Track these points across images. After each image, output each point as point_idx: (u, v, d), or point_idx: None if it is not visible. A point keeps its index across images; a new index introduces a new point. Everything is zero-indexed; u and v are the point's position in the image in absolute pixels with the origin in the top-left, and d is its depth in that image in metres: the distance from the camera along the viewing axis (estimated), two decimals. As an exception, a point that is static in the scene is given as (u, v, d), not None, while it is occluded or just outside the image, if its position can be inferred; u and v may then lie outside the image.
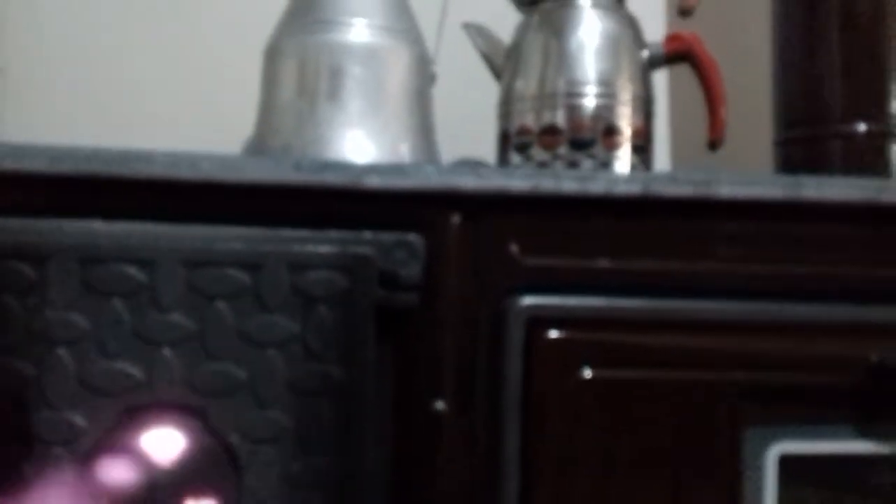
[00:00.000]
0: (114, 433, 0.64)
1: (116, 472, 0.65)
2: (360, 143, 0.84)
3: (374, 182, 0.68)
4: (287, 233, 0.67)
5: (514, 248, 0.72)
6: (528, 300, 0.71)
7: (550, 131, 0.91)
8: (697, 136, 1.00)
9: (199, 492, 0.66)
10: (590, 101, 0.91)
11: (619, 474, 0.71)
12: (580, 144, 0.90)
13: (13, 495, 0.63)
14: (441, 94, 0.94)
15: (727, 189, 0.72)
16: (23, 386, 0.63)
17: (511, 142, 0.94)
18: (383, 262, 0.70)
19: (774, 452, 0.74)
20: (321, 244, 0.68)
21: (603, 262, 0.73)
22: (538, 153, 0.91)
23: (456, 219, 0.71)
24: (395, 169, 0.69)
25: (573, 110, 0.91)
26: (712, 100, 0.98)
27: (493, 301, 0.71)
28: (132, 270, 0.64)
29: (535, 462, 0.70)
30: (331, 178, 0.67)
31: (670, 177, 0.72)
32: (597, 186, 0.71)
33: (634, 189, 0.71)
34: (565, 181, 0.70)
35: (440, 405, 0.71)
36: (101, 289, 0.64)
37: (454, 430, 0.70)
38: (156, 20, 1.18)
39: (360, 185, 0.68)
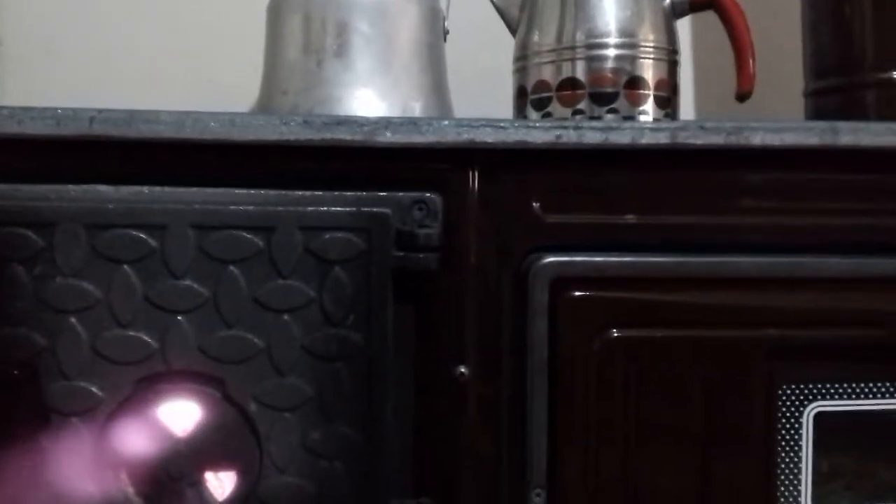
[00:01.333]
0: (130, 403, 0.62)
1: (133, 442, 0.63)
2: (370, 102, 0.81)
3: (387, 138, 0.65)
4: (299, 194, 0.65)
5: (535, 205, 0.69)
6: (552, 259, 0.68)
7: (570, 85, 0.87)
8: (723, 89, 0.96)
9: (218, 462, 0.64)
10: (610, 53, 0.87)
11: (649, 436, 0.69)
12: (601, 98, 0.87)
13: (31, 468, 0.62)
14: (454, 51, 0.90)
15: (760, 137, 0.69)
16: (36, 357, 0.61)
17: (528, 98, 0.90)
18: (400, 223, 0.67)
19: (810, 411, 0.72)
20: (335, 205, 0.65)
21: (629, 218, 0.70)
22: (557, 109, 0.88)
23: (475, 176, 0.68)
24: (409, 123, 0.66)
25: (593, 63, 0.87)
26: (740, 50, 0.93)
27: (515, 261, 0.69)
28: (141, 236, 0.62)
29: (562, 426, 0.68)
30: (342, 135, 0.64)
31: (699, 125, 0.69)
32: (622, 137, 0.67)
33: (662, 139, 0.68)
34: (588, 132, 0.67)
35: (463, 370, 0.68)
36: (111, 255, 0.62)
37: (478, 396, 0.68)
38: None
39: (373, 141, 0.65)
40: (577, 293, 0.68)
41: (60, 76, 1.06)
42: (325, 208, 0.65)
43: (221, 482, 0.65)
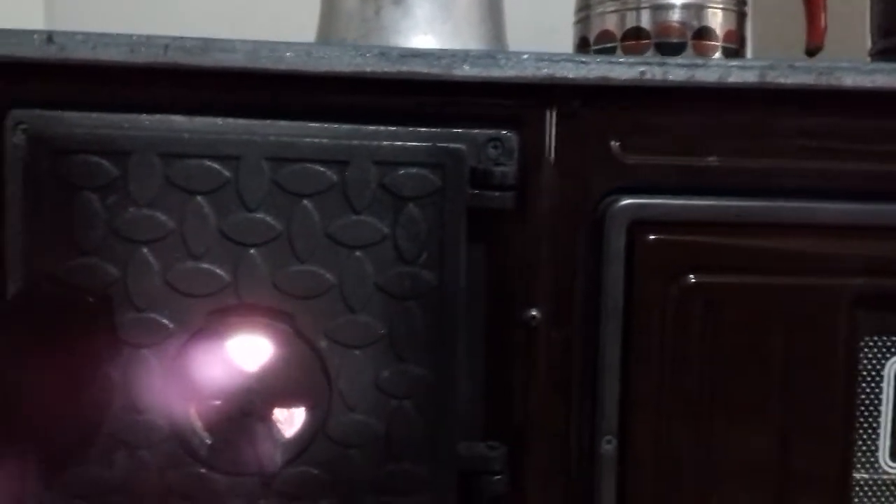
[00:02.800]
0: (200, 336, 0.62)
1: (203, 376, 0.63)
2: (428, 50, 0.80)
3: (465, 71, 0.63)
4: (373, 128, 0.63)
5: (615, 144, 0.67)
6: (630, 201, 0.65)
7: (635, 35, 0.84)
8: (784, 43, 0.93)
9: (287, 398, 0.64)
10: (677, 2, 0.83)
11: (724, 386, 0.66)
12: (668, 49, 0.84)
13: (102, 399, 0.62)
14: (510, 5, 0.87)
15: (851, 78, 0.65)
16: (108, 287, 0.61)
17: (591, 49, 0.88)
18: (475, 160, 0.65)
19: (892, 364, 0.69)
20: (409, 140, 0.63)
21: (711, 160, 0.67)
22: (622, 59, 0.85)
23: (552, 114, 0.66)
24: (487, 57, 0.64)
25: (659, 12, 0.84)
26: (811, 2, 0.90)
27: (591, 203, 0.66)
28: (216, 166, 0.61)
29: (635, 373, 0.66)
30: (419, 67, 0.62)
31: (789, 64, 0.66)
32: (708, 75, 0.64)
33: (750, 78, 0.65)
34: (673, 69, 0.64)
35: (534, 313, 0.67)
36: (185, 186, 0.61)
37: (549, 340, 0.66)
38: None
39: (450, 74, 0.63)
40: (655, 237, 0.66)
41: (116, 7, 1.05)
42: (400, 143, 0.63)
43: (290, 419, 0.65)
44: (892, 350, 0.68)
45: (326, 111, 0.63)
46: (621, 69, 0.64)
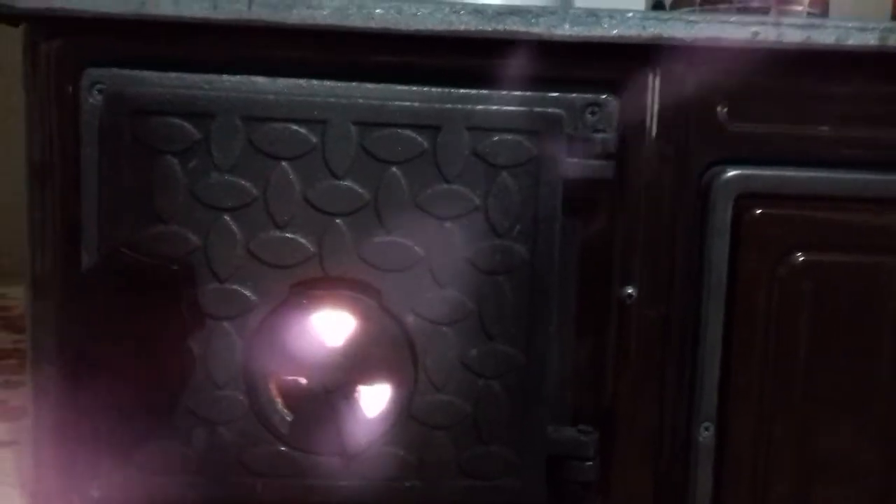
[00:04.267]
0: (283, 309, 0.59)
1: (286, 351, 0.60)
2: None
3: (565, 31, 0.58)
4: (465, 91, 0.59)
5: (722, 111, 0.62)
6: (737, 172, 0.61)
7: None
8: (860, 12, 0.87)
9: (372, 376, 0.61)
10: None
11: (832, 370, 0.62)
12: (750, 10, 0.79)
13: (181, 374, 0.60)
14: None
15: None
16: (188, 256, 0.58)
17: (666, 8, 0.83)
18: (572, 127, 0.62)
19: None
20: (505, 104, 0.59)
21: (824, 129, 0.62)
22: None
23: (655, 77, 0.61)
24: (590, 15, 0.59)
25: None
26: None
27: (695, 174, 0.62)
28: (302, 131, 0.57)
29: (737, 356, 0.62)
30: (516, 26, 0.58)
31: (915, 26, 0.61)
32: (825, 37, 0.59)
33: (870, 40, 0.60)
34: (788, 30, 0.59)
35: (630, 291, 0.63)
36: (269, 150, 0.57)
37: (645, 320, 0.62)
38: None
39: (549, 34, 0.58)
40: (763, 211, 0.61)
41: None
42: (495, 107, 0.59)
43: (375, 397, 0.62)
44: None
45: (417, 72, 0.59)
46: (733, 29, 0.59)
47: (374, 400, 0.61)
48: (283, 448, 0.59)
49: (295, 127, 0.57)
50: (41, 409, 0.61)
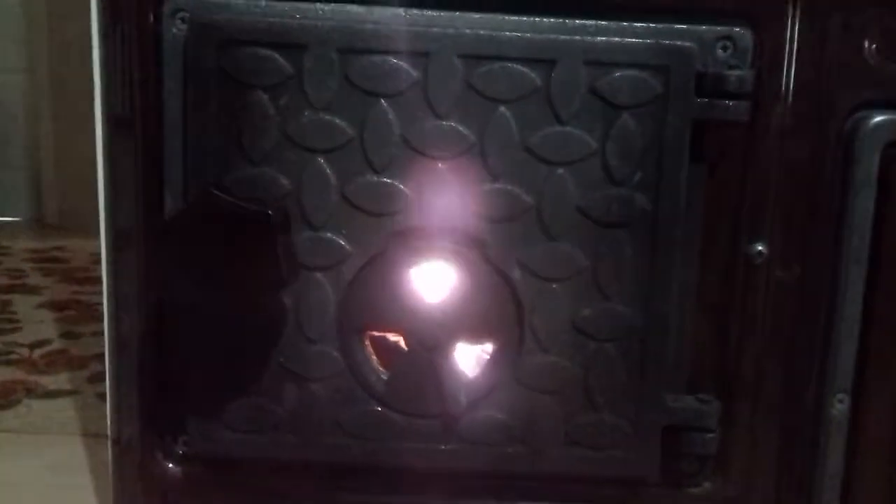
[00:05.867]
0: (380, 260, 0.54)
1: (383, 305, 0.56)
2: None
3: (699, -46, 0.53)
4: (585, 22, 0.53)
5: (870, 47, 0.54)
6: (886, 117, 0.54)
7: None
8: None
9: (474, 334, 0.56)
10: None
11: None
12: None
13: (272, 327, 0.56)
14: None
15: None
16: (279, 201, 0.54)
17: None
18: (702, 63, 0.55)
19: None
20: (627, 36, 0.53)
21: None
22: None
23: (796, 8, 0.54)
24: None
25: None
26: None
27: (838, 118, 0.55)
28: (402, 65, 0.52)
29: (879, 325, 0.56)
30: (643, -51, 0.53)
31: None
32: None
33: None
34: (961, -48, 0.53)
35: (761, 249, 0.57)
36: (366, 87, 0.52)
37: (776, 281, 0.56)
38: None
39: (681, -43, 0.53)
40: (918, 161, 0.56)
41: None
42: (616, 40, 0.53)
43: (476, 357, 0.58)
44: None
45: (529, 1, 0.54)
46: (895, -50, 0.53)
47: (477, 360, 0.57)
48: (378, 408, 0.55)
49: (394, 61, 0.52)
50: (122, 361, 0.59)
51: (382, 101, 0.52)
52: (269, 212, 0.51)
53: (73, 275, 1.53)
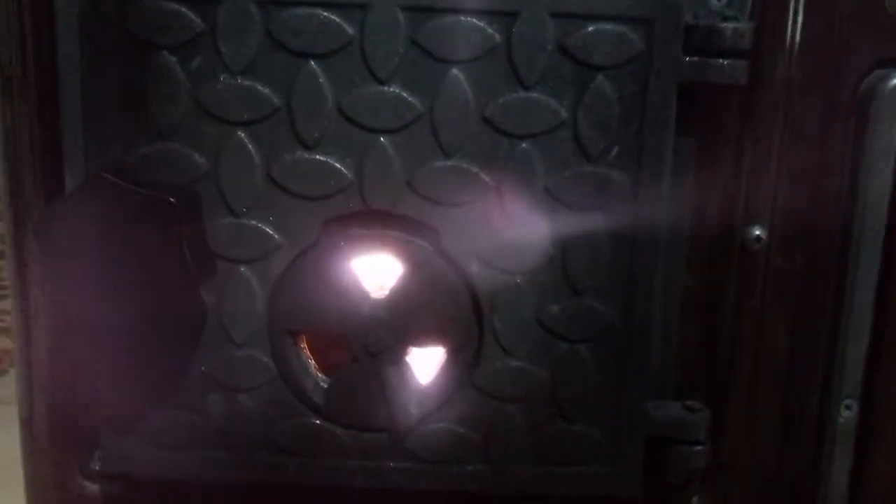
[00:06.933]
0: (315, 252, 0.47)
1: (319, 304, 0.49)
2: None
3: None
4: (552, -33, 0.47)
5: (891, -4, 0.48)
6: (908, 77, 0.48)
7: None
8: None
9: (426, 336, 0.48)
10: None
11: None
12: None
13: (191, 330, 0.49)
14: None
15: None
16: (194, 183, 0.46)
17: None
18: (693, 14, 0.47)
19: None
20: (603, -16, 0.47)
21: None
22: None
23: (804, -51, 0.47)
24: None
25: None
26: None
27: (854, 78, 0.47)
28: (334, 19, 0.44)
29: (892, 323, 0.50)
30: None
31: None
32: None
33: None
34: None
35: (758, 233, 0.50)
36: (292, 45, 0.44)
37: (776, 271, 0.49)
38: None
39: None
40: (943, 130, 0.48)
41: None
42: (590, -12, 0.46)
43: (429, 362, 0.51)
44: None
45: (487, -60, 0.46)
46: None
47: (429, 365, 0.49)
48: (317, 421, 0.48)
49: (325, 14, 0.43)
50: (30, 371, 0.51)
51: (312, 62, 0.44)
52: (171, 199, 0.43)
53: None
